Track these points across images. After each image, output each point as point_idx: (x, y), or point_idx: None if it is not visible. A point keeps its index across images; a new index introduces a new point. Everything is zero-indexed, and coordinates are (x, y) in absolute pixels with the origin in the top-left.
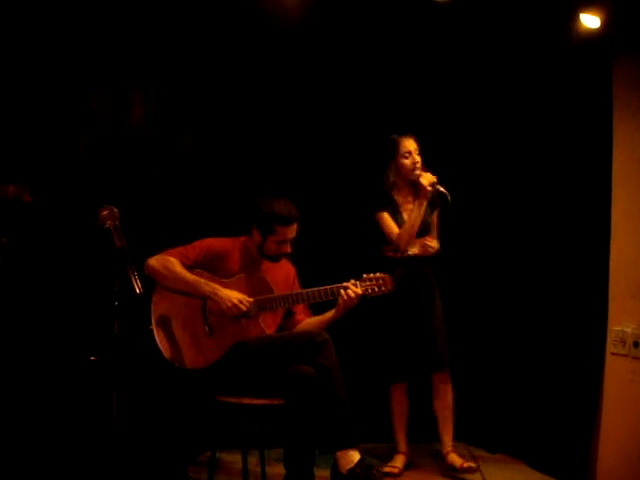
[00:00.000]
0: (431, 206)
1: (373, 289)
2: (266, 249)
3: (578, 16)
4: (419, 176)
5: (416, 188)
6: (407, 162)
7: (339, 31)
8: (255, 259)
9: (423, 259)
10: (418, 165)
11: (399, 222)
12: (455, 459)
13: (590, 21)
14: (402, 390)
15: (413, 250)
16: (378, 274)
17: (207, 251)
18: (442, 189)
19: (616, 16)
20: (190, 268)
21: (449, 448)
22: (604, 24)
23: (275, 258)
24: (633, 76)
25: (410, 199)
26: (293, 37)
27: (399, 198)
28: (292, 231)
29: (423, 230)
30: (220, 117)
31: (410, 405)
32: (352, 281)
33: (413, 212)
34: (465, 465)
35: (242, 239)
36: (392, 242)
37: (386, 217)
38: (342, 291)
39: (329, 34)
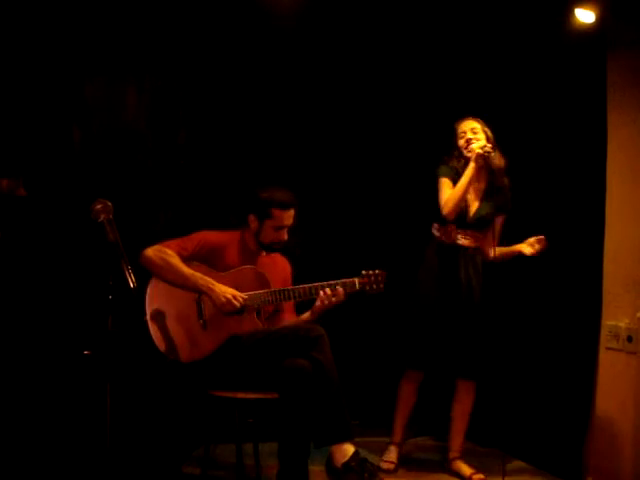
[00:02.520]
0: (498, 208)
1: (372, 286)
2: (263, 236)
3: (573, 11)
4: (468, 147)
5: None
6: (460, 142)
7: (333, 21)
8: (253, 253)
9: (473, 253)
10: (472, 142)
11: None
12: (463, 467)
13: (585, 16)
14: (414, 382)
15: (463, 240)
16: (377, 270)
17: (205, 244)
18: (489, 149)
19: (611, 11)
20: (187, 260)
21: (457, 454)
22: (599, 19)
23: (272, 247)
24: (627, 70)
25: (478, 185)
26: (287, 28)
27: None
28: (289, 217)
29: (479, 224)
30: (215, 110)
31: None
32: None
33: (462, 177)
34: (475, 477)
35: (239, 232)
36: (440, 209)
37: (447, 184)
38: (321, 292)
39: (323, 26)
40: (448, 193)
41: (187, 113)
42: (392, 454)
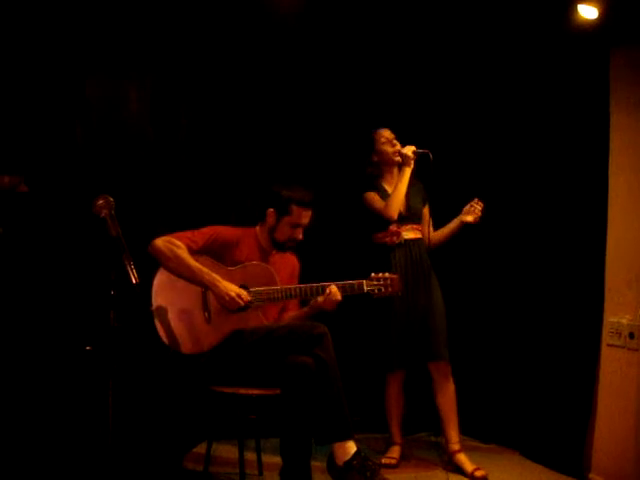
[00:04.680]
0: (422, 199)
1: (380, 289)
2: (278, 232)
3: (576, 7)
4: (400, 152)
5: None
6: (388, 147)
7: (336, 19)
8: (265, 250)
9: (419, 243)
10: (397, 148)
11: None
12: (465, 462)
13: (588, 12)
14: (398, 381)
15: (409, 235)
16: (387, 274)
17: (216, 238)
18: (422, 150)
19: (614, 7)
20: (197, 253)
21: (457, 447)
22: (602, 15)
23: (284, 246)
24: (630, 67)
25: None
26: (289, 25)
27: (386, 186)
28: (307, 216)
29: (414, 216)
30: (216, 106)
31: (406, 396)
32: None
33: (399, 179)
34: (477, 474)
35: (253, 229)
36: (382, 214)
37: (374, 195)
38: (327, 290)
39: (326, 22)
40: (380, 200)
41: (189, 108)
42: (394, 452)
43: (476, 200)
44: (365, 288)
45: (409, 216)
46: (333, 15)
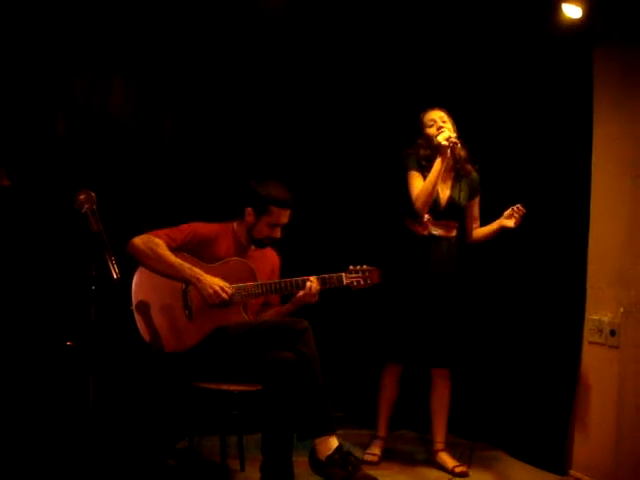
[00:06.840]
0: (471, 192)
1: (359, 281)
2: (257, 231)
3: (560, 6)
4: (436, 138)
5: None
6: (431, 130)
7: (325, 11)
8: (243, 246)
9: (448, 243)
10: (442, 131)
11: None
12: (447, 459)
13: (572, 11)
14: (395, 374)
15: (437, 231)
16: (365, 266)
17: (194, 235)
18: (455, 140)
19: (598, 6)
20: (176, 251)
21: (441, 446)
22: (586, 14)
23: (263, 243)
24: (614, 66)
25: (445, 174)
26: (275, 16)
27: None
28: (286, 216)
29: (452, 212)
30: (202, 101)
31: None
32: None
33: (432, 171)
34: (457, 470)
35: (231, 225)
36: (412, 202)
37: (418, 176)
38: (307, 284)
39: (314, 15)
40: (419, 187)
41: (173, 103)
42: (376, 448)
43: (519, 205)
44: (344, 281)
45: (445, 212)
46: (314, 12)
